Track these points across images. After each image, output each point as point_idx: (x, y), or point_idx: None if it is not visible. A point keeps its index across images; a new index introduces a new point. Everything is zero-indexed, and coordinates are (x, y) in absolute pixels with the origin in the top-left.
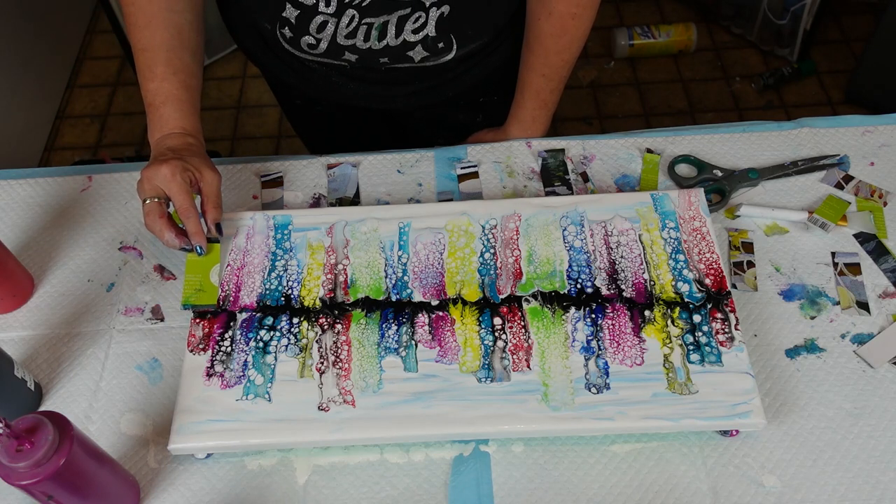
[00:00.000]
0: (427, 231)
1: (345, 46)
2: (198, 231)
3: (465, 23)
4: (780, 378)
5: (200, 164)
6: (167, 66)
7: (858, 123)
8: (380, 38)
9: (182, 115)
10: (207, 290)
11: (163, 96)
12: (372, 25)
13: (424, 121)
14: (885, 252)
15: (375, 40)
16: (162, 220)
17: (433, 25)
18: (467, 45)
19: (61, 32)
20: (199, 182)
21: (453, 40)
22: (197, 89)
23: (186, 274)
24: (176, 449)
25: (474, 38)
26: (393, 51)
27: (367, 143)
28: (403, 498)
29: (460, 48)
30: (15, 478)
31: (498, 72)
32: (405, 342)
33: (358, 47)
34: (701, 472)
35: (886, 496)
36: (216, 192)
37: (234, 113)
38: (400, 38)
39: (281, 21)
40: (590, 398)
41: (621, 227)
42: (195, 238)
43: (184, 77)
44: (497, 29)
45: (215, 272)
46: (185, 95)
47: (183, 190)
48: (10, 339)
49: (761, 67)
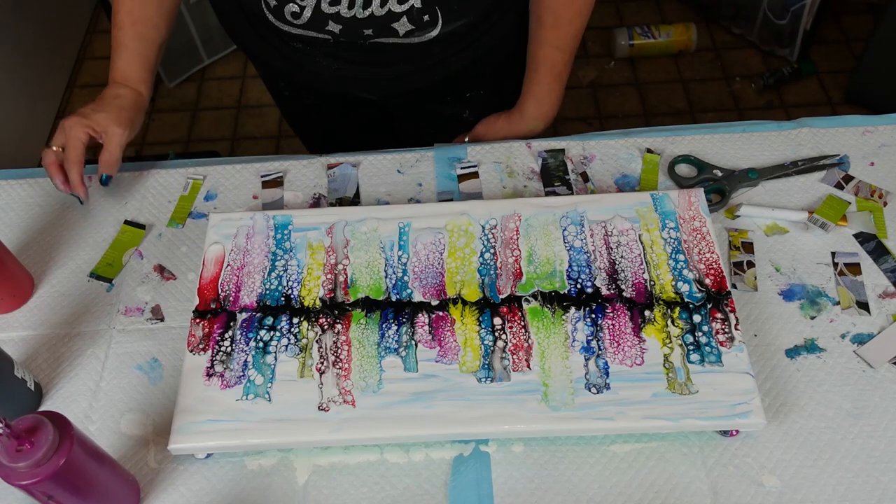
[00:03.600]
0: (427, 231)
1: (329, 15)
2: (78, 182)
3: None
4: (780, 378)
5: (107, 120)
6: (128, 15)
7: (858, 123)
8: (364, 5)
9: (126, 63)
10: (115, 266)
11: (115, 44)
12: None
13: (412, 115)
14: (885, 252)
15: (360, 7)
16: (52, 166)
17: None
18: (452, 22)
19: (61, 32)
20: (102, 137)
21: (439, 14)
22: (153, 41)
23: (108, 250)
24: (176, 449)
25: (460, 15)
26: (377, 21)
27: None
28: (403, 498)
29: (445, 24)
30: (15, 478)
31: (483, 61)
32: (405, 342)
33: (342, 16)
34: (701, 472)
35: (886, 496)
36: (112, 146)
37: (234, 113)
38: (385, 8)
39: None
40: (590, 398)
41: (621, 227)
42: (76, 188)
43: (140, 28)
44: (483, 9)
45: (129, 254)
46: (135, 45)
47: (73, 143)
48: (10, 339)
49: (761, 67)
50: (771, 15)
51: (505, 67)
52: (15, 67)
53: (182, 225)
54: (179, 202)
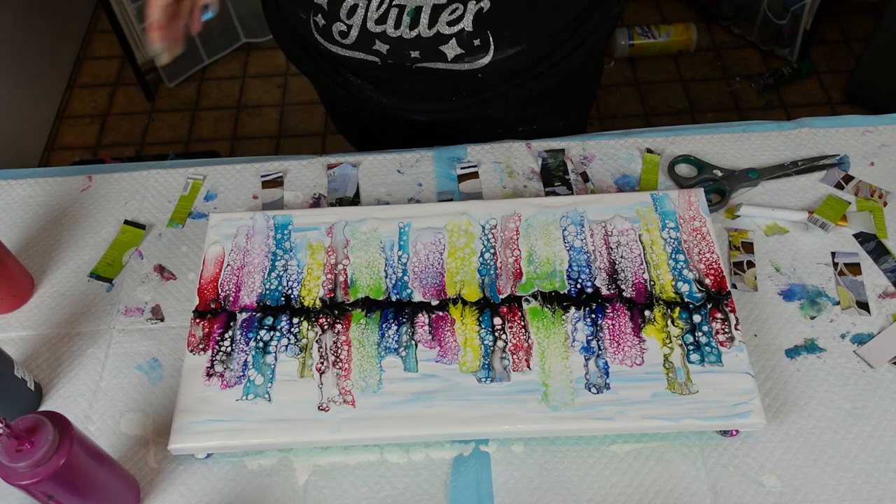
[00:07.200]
0: (427, 231)
1: (375, 34)
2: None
3: (505, 23)
4: (780, 378)
5: None
6: None
7: (858, 123)
8: (412, 25)
9: None
10: (115, 266)
11: None
12: (403, 10)
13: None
14: (885, 252)
15: (407, 27)
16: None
17: (470, 20)
18: (505, 49)
19: (61, 32)
20: None
21: (490, 39)
22: None
23: (108, 250)
24: (176, 449)
25: (512, 42)
26: (424, 43)
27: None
28: (403, 498)
29: (498, 50)
30: (15, 478)
31: (544, 99)
32: (405, 342)
33: (388, 35)
34: (701, 472)
35: (886, 496)
36: None
37: (234, 113)
38: (433, 30)
39: (315, 8)
40: (590, 398)
41: (621, 227)
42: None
43: None
44: (540, 39)
45: (129, 254)
46: None
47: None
48: (10, 339)
49: (761, 67)
50: (771, 15)
51: (570, 101)
52: (15, 67)
53: (182, 225)
54: (179, 202)
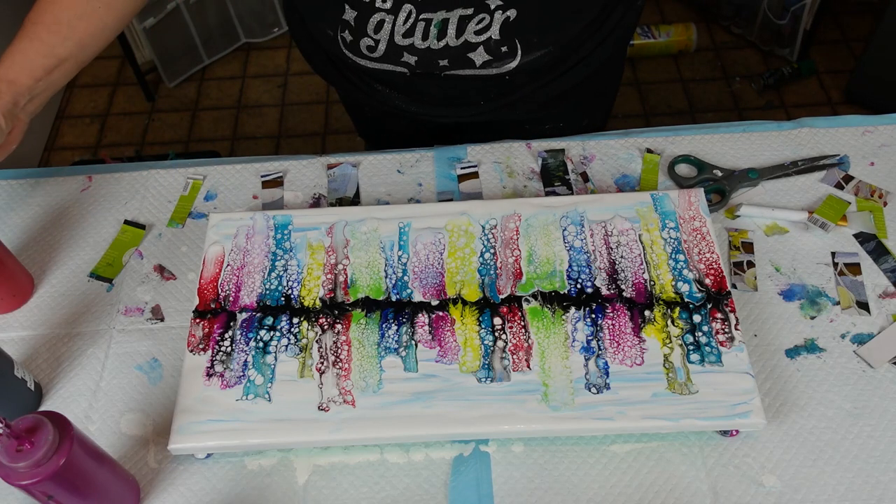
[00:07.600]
0: (427, 231)
1: (403, 47)
2: None
3: (532, 29)
4: (780, 378)
5: None
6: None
7: (858, 123)
8: (439, 36)
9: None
10: (115, 266)
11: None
12: (430, 22)
13: None
14: (885, 252)
15: (434, 38)
16: None
17: (497, 28)
18: (532, 53)
19: None
20: None
21: (518, 46)
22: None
23: (108, 250)
24: (176, 449)
25: (540, 46)
26: (452, 52)
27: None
28: (403, 498)
29: (525, 54)
30: (15, 478)
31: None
32: (405, 342)
33: (416, 47)
34: (701, 472)
35: (886, 496)
36: None
37: (234, 113)
38: (461, 39)
39: (341, 24)
40: (590, 398)
41: (621, 227)
42: None
43: (40, 30)
44: (567, 40)
45: (129, 254)
46: (25, 45)
47: None
48: (10, 339)
49: (761, 67)
50: (771, 15)
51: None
52: None
53: (182, 225)
54: (179, 202)
